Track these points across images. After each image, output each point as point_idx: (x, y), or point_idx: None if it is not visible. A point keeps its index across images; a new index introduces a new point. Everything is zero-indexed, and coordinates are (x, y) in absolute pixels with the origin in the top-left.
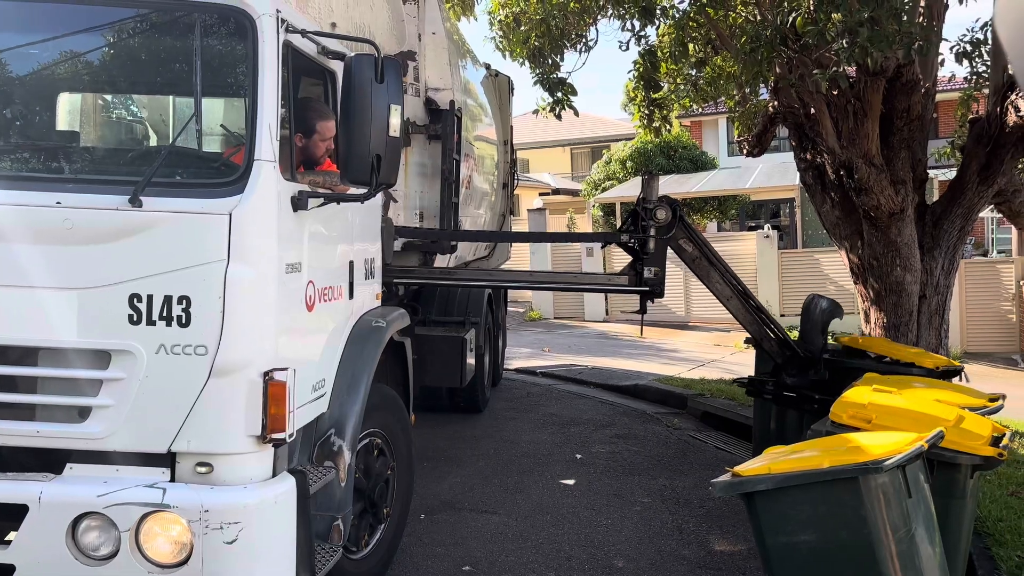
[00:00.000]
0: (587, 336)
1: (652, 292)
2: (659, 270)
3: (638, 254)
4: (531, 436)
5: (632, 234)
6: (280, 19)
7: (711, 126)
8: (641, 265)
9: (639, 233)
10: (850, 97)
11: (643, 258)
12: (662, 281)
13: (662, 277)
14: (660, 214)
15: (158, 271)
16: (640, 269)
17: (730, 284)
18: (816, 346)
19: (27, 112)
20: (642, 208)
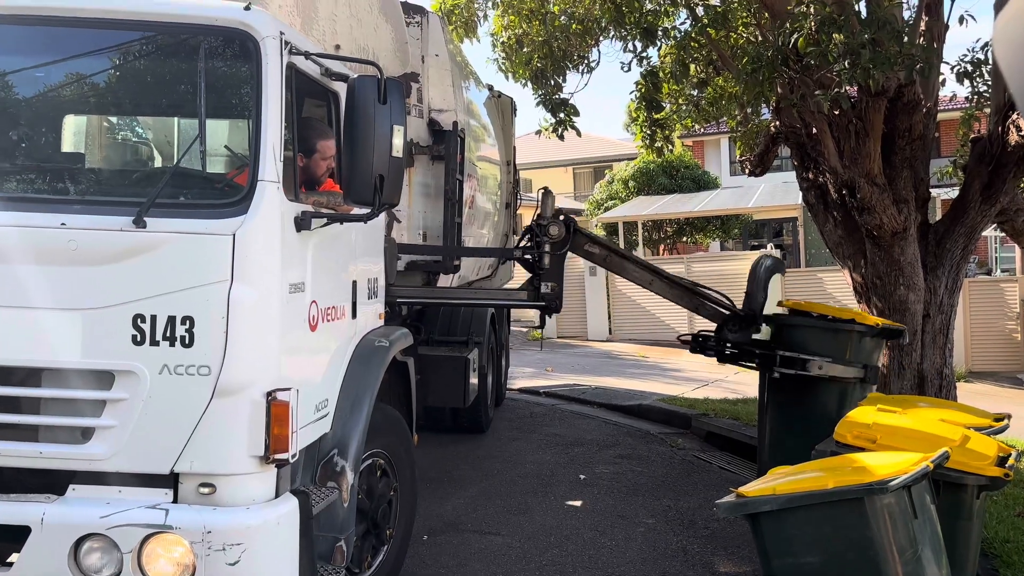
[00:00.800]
0: (590, 355)
1: (549, 307)
2: (556, 285)
3: (535, 269)
4: (535, 456)
5: (527, 250)
6: (284, 41)
7: (713, 146)
8: (538, 280)
9: (534, 249)
10: (852, 117)
11: (540, 273)
12: (559, 296)
13: (558, 292)
14: (553, 230)
15: (162, 291)
16: (537, 284)
17: (648, 270)
18: (758, 303)
19: (33, 134)
20: (536, 225)
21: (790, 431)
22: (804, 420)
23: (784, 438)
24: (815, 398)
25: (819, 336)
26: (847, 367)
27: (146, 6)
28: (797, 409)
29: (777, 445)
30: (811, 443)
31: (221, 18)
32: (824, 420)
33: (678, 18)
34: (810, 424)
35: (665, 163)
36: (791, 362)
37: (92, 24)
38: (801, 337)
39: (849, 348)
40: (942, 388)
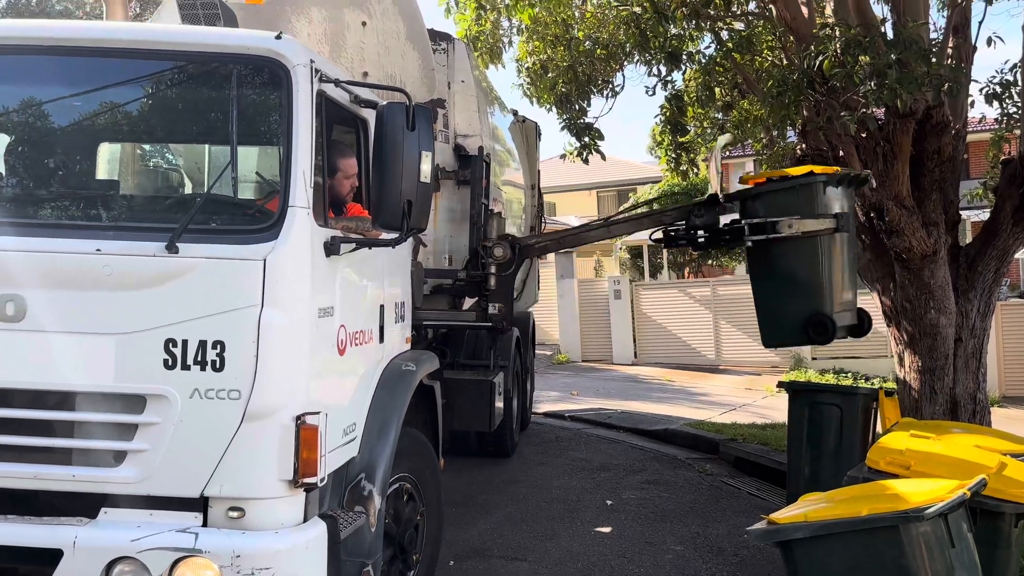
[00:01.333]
0: (615, 379)
1: (496, 327)
2: (503, 306)
3: (481, 291)
4: (561, 481)
5: (471, 272)
6: (314, 69)
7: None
8: (485, 301)
9: (479, 271)
10: (879, 139)
11: (486, 295)
12: (506, 316)
13: (505, 312)
14: (498, 251)
15: (193, 316)
16: (485, 305)
17: (599, 227)
18: (719, 187)
19: (69, 161)
20: (482, 247)
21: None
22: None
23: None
24: (795, 257)
25: (782, 198)
26: (818, 219)
27: (181, 36)
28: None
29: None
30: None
31: (253, 47)
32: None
33: (703, 42)
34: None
35: (690, 186)
36: (761, 228)
37: (128, 55)
38: (766, 204)
39: (815, 201)
40: (976, 413)
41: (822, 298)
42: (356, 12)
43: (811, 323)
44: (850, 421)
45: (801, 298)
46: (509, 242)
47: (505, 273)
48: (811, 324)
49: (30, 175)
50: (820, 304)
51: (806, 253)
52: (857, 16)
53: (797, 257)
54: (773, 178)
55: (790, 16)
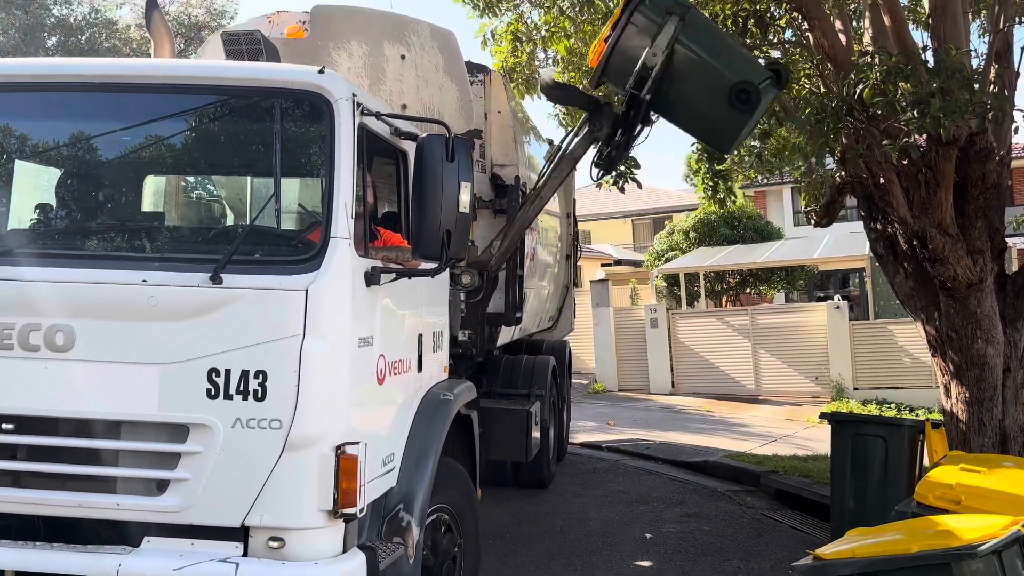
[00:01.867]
0: (653, 409)
1: (466, 353)
2: (473, 333)
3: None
4: (599, 514)
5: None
6: (356, 102)
7: (776, 196)
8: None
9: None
10: (921, 166)
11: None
12: (475, 343)
13: (475, 339)
14: (466, 279)
15: (236, 346)
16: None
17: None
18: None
19: (116, 194)
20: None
21: None
22: None
23: None
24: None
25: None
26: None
27: (226, 72)
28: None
29: None
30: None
31: (297, 81)
32: None
33: None
34: None
35: (727, 214)
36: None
37: (176, 90)
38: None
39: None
40: None
41: (723, 74)
42: (395, 46)
43: (735, 97)
44: (896, 453)
45: (712, 88)
46: (477, 270)
47: (474, 300)
48: (736, 97)
49: (80, 207)
50: (728, 79)
51: (681, 55)
52: (897, 44)
53: (678, 61)
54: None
55: (828, 44)
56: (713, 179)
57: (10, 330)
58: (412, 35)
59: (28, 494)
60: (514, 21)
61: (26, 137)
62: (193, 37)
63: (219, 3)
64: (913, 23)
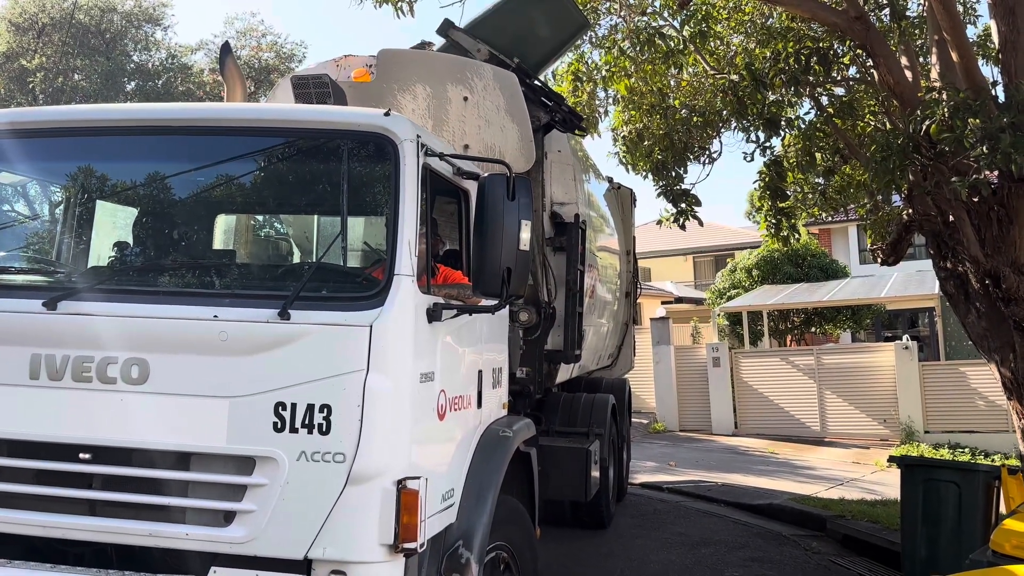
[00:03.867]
0: (714, 450)
1: (523, 391)
2: (531, 370)
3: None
4: (659, 556)
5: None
6: (420, 143)
7: (841, 234)
8: (514, 366)
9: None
10: (992, 204)
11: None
12: (534, 380)
13: (534, 376)
14: (523, 316)
15: (302, 380)
16: (513, 370)
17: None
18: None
19: (189, 232)
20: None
21: None
22: None
23: None
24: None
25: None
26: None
27: (296, 115)
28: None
29: None
30: None
31: (364, 124)
32: None
33: (801, 108)
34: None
35: (791, 251)
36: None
37: (248, 132)
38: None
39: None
40: None
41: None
42: (458, 88)
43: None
44: (970, 500)
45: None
46: (535, 307)
47: (532, 337)
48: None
49: (155, 245)
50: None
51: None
52: (966, 79)
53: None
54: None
55: (893, 80)
56: (776, 216)
57: (89, 363)
58: (475, 77)
59: (102, 523)
60: (575, 61)
61: (106, 178)
62: (263, 80)
63: (288, 47)
64: (982, 58)
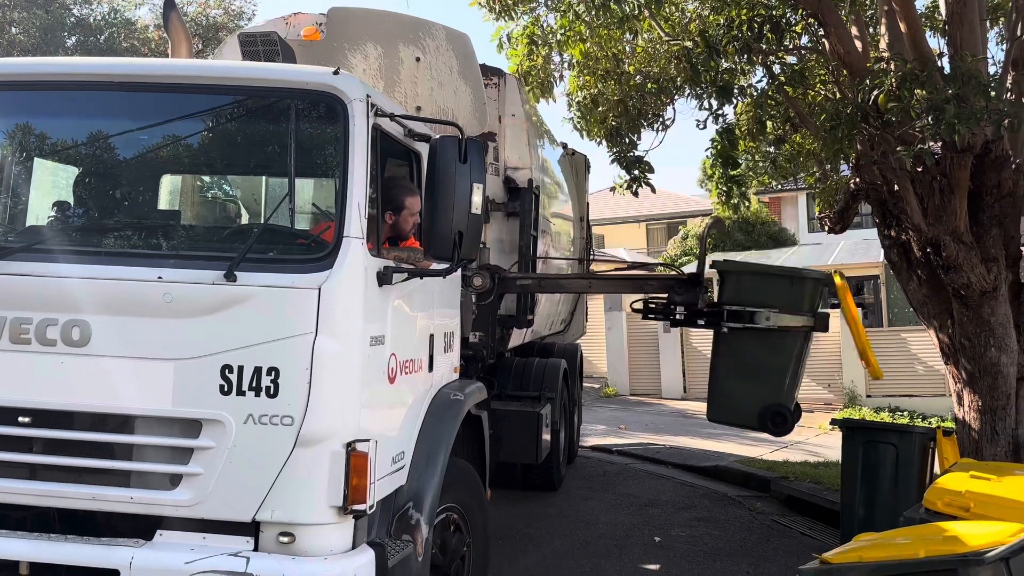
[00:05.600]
0: (664, 414)
1: (476, 356)
2: (483, 334)
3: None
4: (608, 517)
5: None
6: (370, 103)
7: (790, 202)
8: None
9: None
10: (935, 174)
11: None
12: (487, 345)
13: (486, 341)
14: (477, 281)
15: (249, 343)
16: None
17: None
18: (702, 265)
19: (132, 192)
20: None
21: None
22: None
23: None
24: (766, 348)
25: (766, 285)
26: (795, 316)
27: (242, 72)
28: (743, 362)
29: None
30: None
31: (312, 82)
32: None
33: (754, 76)
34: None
35: (741, 219)
36: (739, 316)
37: (192, 89)
38: (747, 289)
39: (798, 297)
40: None
41: (784, 391)
42: (411, 48)
43: (770, 413)
44: (906, 461)
45: (763, 387)
46: (490, 272)
47: (485, 302)
48: (771, 415)
49: (96, 205)
50: (781, 396)
51: (778, 346)
52: (913, 50)
53: (769, 348)
54: (764, 272)
55: (843, 50)
56: (727, 184)
57: (27, 325)
58: (427, 38)
59: (43, 487)
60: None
61: (45, 135)
62: (211, 38)
63: (237, 4)
64: (930, 30)
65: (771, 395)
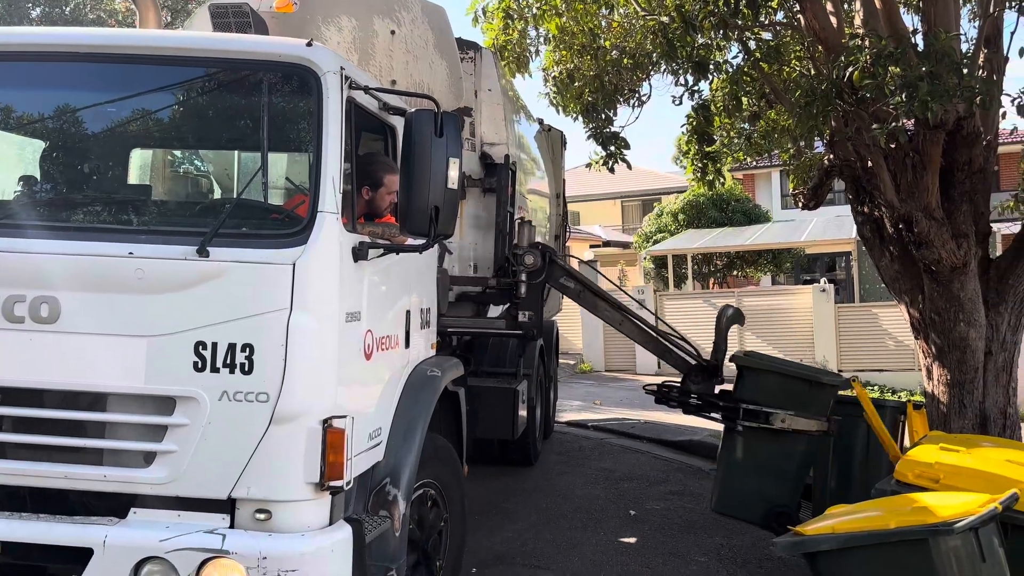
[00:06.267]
0: (638, 390)
1: (526, 335)
2: (533, 314)
3: (512, 298)
4: (584, 491)
5: (501, 279)
6: (344, 76)
7: (764, 179)
8: (515, 309)
9: (508, 279)
10: (908, 150)
11: (516, 302)
12: (536, 324)
13: (536, 320)
14: (528, 259)
15: (223, 319)
16: (515, 313)
17: (618, 310)
18: (721, 354)
19: (102, 166)
20: (512, 254)
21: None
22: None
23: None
24: (778, 448)
25: (786, 385)
26: (811, 420)
27: (213, 43)
28: (754, 458)
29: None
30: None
31: (284, 54)
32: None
33: (730, 52)
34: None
35: (715, 196)
36: (754, 415)
37: (162, 61)
38: (765, 388)
39: (816, 401)
40: (1006, 428)
41: (791, 492)
42: (385, 21)
43: (775, 514)
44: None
45: (771, 487)
46: (540, 250)
47: (535, 281)
48: (775, 515)
49: (65, 180)
50: (787, 498)
51: (790, 448)
52: (888, 27)
53: (780, 449)
54: (785, 372)
55: (819, 26)
56: (703, 160)
57: None
58: (402, 11)
59: (14, 465)
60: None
61: (10, 108)
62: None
63: None
64: (904, 6)
65: (778, 496)
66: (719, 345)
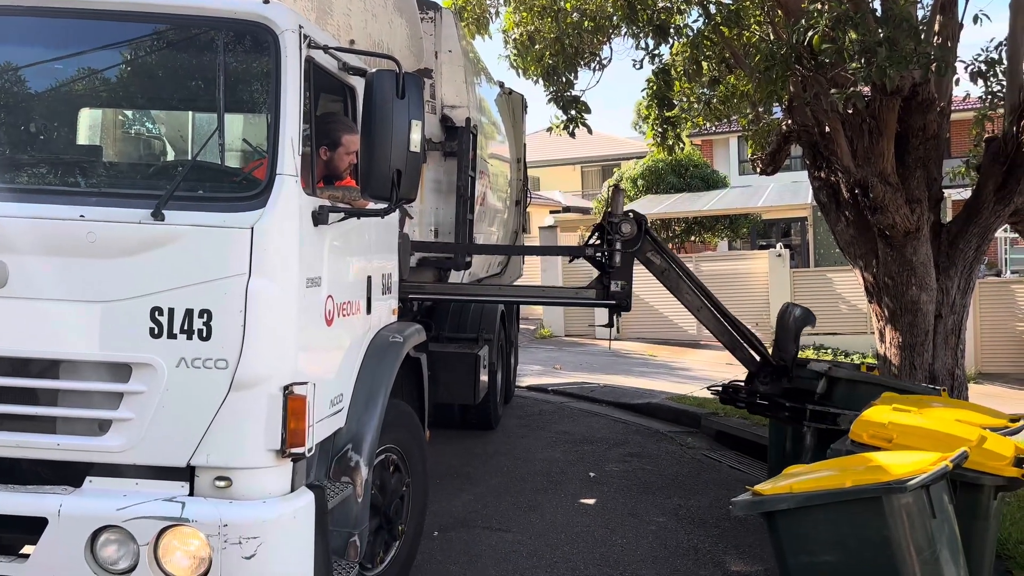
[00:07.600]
0: (598, 354)
1: (619, 305)
2: (626, 283)
3: (604, 268)
4: (544, 454)
5: (598, 248)
6: (303, 35)
7: (722, 145)
8: (608, 279)
9: (605, 247)
10: (865, 116)
11: (609, 272)
12: (629, 295)
13: (628, 291)
14: (625, 228)
15: (180, 284)
16: (607, 283)
17: (700, 296)
18: (789, 354)
19: (50, 126)
20: (608, 222)
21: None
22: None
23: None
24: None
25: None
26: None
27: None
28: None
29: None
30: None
31: (240, 11)
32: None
33: (691, 16)
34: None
35: (674, 162)
36: (821, 416)
37: (112, 17)
38: (851, 394)
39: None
40: (954, 389)
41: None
42: None
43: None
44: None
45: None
46: (635, 219)
47: (631, 250)
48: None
49: (10, 139)
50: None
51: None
52: None
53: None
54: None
55: None
56: (662, 125)
57: None
58: None
59: None
60: None
61: None
62: None
63: None
64: None
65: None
66: (787, 346)
